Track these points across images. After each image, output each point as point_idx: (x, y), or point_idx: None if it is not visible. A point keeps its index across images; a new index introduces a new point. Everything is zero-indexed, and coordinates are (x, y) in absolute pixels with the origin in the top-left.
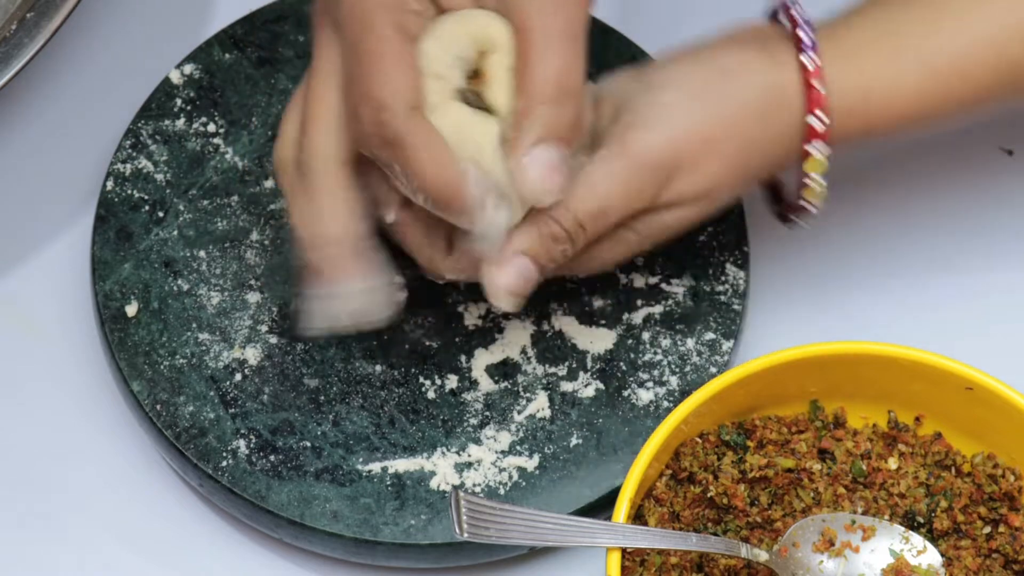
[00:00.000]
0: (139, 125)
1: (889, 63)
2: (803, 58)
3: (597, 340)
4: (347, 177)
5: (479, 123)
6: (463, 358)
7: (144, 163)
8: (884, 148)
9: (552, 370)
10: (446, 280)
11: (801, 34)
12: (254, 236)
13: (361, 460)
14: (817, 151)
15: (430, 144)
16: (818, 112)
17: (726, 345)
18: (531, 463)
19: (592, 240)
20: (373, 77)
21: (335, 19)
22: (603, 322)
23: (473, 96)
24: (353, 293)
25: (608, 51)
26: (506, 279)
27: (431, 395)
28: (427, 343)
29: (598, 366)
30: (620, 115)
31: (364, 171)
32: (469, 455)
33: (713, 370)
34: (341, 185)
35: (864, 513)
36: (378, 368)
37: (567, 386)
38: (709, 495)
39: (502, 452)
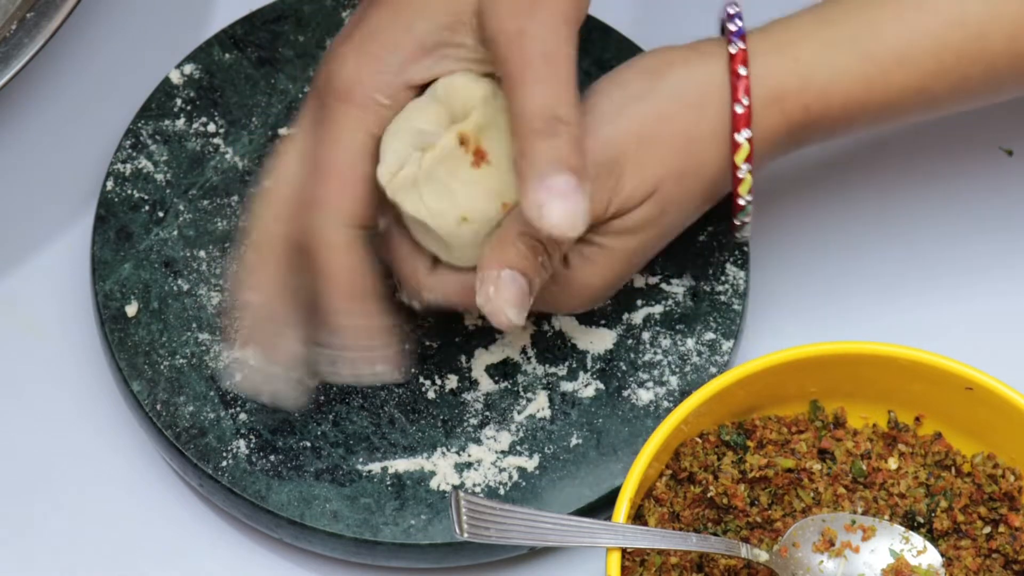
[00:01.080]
0: (139, 125)
1: (826, 50)
2: (729, 47)
3: (597, 340)
4: (285, 257)
5: (419, 109)
6: (463, 358)
7: (144, 163)
8: (884, 148)
9: (552, 370)
10: (422, 302)
11: (730, 25)
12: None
13: (361, 460)
14: (744, 140)
15: (340, 269)
16: (743, 99)
17: (726, 345)
18: (531, 463)
19: (564, 251)
20: (320, 185)
21: (321, 104)
22: (603, 322)
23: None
24: (260, 368)
25: (608, 51)
26: (507, 293)
27: (431, 395)
28: (427, 343)
29: (598, 366)
30: None
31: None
32: (469, 455)
33: (713, 370)
34: (274, 263)
35: (864, 513)
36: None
37: (567, 386)
38: (709, 495)
39: (502, 452)
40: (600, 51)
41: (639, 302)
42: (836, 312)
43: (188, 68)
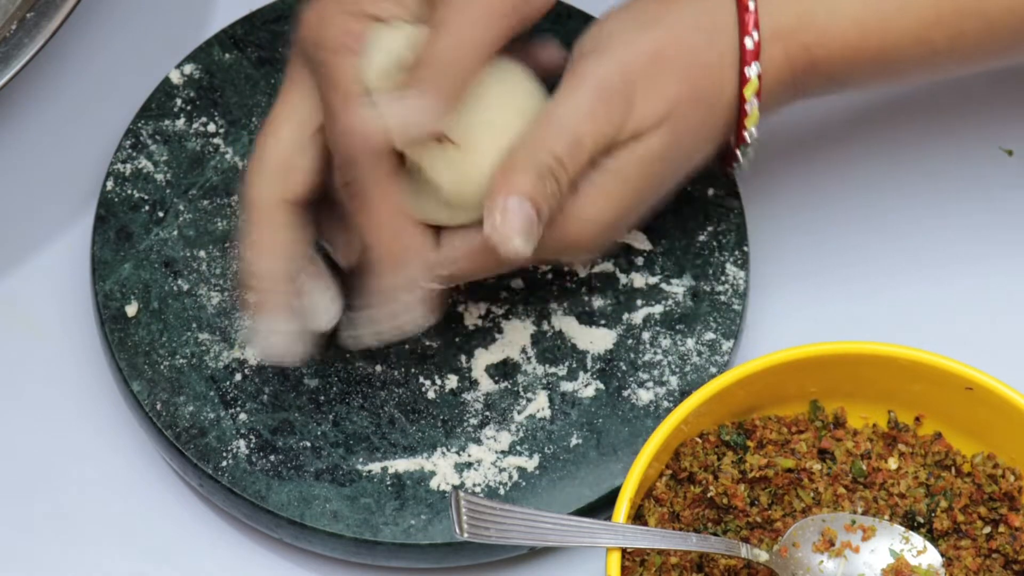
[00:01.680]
0: (139, 125)
1: None
2: None
3: (597, 340)
4: (285, 216)
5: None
6: (463, 358)
7: (144, 163)
8: (884, 148)
9: (552, 370)
10: (439, 281)
11: None
12: None
13: (361, 460)
14: (754, 73)
15: (387, 204)
16: (752, 32)
17: (726, 345)
18: (531, 463)
19: (574, 178)
20: (339, 135)
21: (308, 58)
22: (603, 322)
23: None
24: (274, 331)
25: None
26: (515, 220)
27: (431, 395)
28: (427, 343)
29: (598, 366)
30: (572, 55)
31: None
32: (469, 455)
33: (713, 370)
34: (277, 224)
35: (864, 513)
36: (378, 368)
37: (567, 386)
38: (709, 495)
39: (502, 452)
40: None
41: (639, 302)
42: (836, 312)
43: (188, 68)
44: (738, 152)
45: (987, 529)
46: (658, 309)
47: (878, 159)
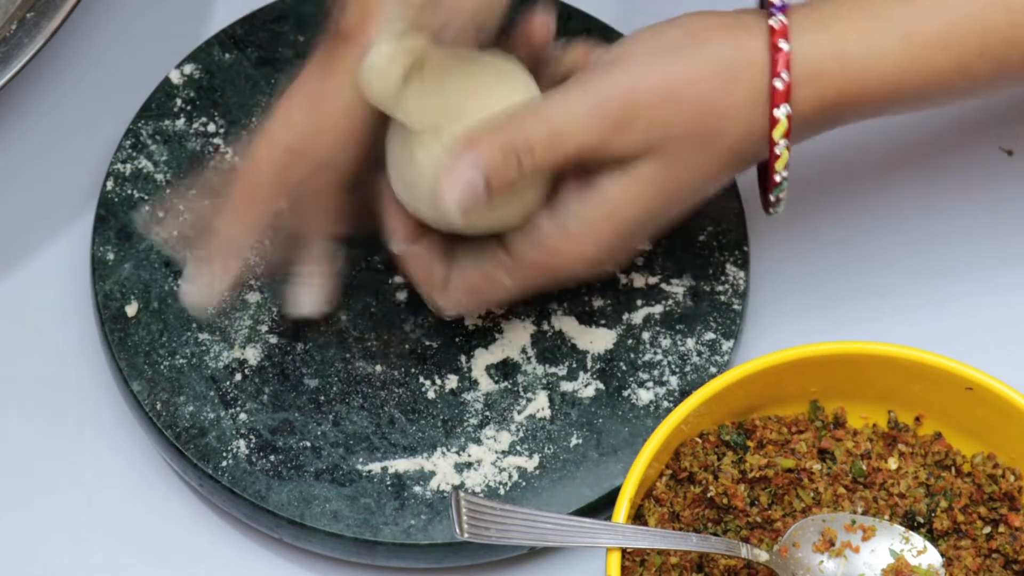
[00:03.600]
0: (139, 125)
1: (867, 30)
2: (771, 20)
3: (597, 340)
4: (267, 200)
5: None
6: (463, 358)
7: (144, 163)
8: (884, 148)
9: (552, 370)
10: (448, 316)
11: None
12: None
13: (361, 460)
14: (783, 115)
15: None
16: (783, 74)
17: (726, 345)
18: (531, 463)
19: (541, 171)
20: (312, 118)
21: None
22: (603, 322)
23: None
24: (208, 283)
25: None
26: (452, 191)
27: (431, 395)
28: (427, 343)
29: (598, 366)
30: (590, 60)
31: (375, 199)
32: (469, 455)
33: (713, 370)
34: (258, 202)
35: (864, 513)
36: (378, 368)
37: (567, 386)
38: (709, 495)
39: (502, 452)
40: None
41: (639, 302)
42: (836, 312)
43: (188, 68)
44: (771, 196)
45: (987, 529)
46: (658, 309)
47: (878, 159)
